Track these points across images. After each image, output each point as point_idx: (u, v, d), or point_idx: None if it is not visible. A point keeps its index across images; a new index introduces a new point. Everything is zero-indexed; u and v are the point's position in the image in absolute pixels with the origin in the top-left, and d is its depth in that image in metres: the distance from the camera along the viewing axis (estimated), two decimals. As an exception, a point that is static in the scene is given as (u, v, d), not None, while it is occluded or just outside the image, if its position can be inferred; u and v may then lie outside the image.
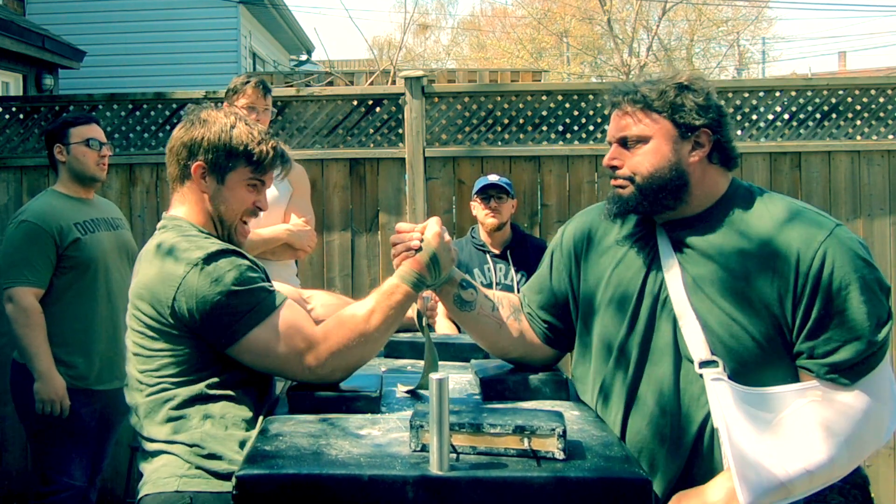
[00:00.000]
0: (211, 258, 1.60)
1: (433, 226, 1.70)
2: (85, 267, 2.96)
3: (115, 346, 3.00)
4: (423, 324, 1.76)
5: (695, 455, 1.57)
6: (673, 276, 1.59)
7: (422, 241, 1.68)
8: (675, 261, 1.60)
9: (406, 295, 1.65)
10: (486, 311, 1.76)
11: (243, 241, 1.80)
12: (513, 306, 1.82)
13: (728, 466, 1.50)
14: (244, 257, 1.67)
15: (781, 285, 1.51)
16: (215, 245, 1.65)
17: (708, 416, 1.55)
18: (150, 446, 1.65)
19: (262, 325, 1.59)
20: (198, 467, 1.58)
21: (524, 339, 1.79)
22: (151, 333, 1.63)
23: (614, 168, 1.65)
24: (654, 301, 1.61)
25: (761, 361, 1.52)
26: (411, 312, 1.76)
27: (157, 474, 1.61)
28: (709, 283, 1.56)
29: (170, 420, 1.62)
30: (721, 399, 1.50)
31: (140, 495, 1.64)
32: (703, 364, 1.53)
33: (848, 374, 1.48)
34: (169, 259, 1.63)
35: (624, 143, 1.63)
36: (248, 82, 3.13)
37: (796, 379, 1.53)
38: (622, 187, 1.63)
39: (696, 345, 1.54)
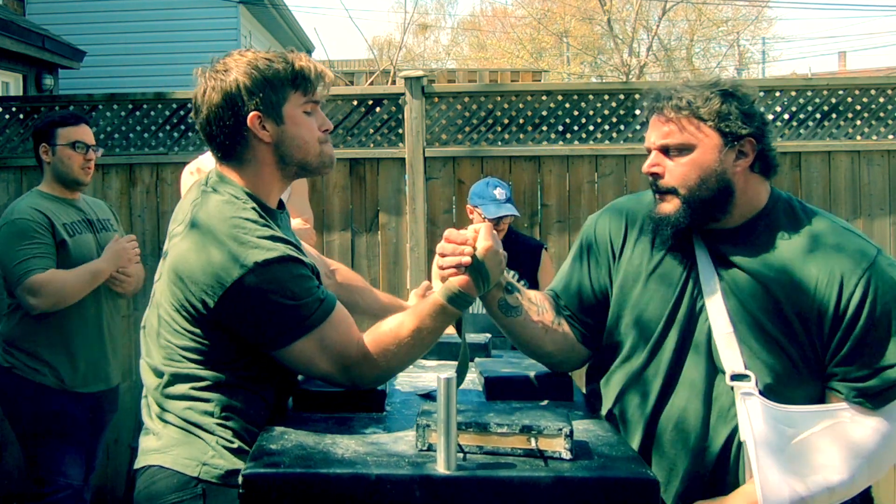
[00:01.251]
0: (268, 265, 1.47)
1: (486, 237, 1.56)
2: (71, 268, 2.87)
3: (101, 350, 2.98)
4: (463, 328, 1.68)
5: (719, 466, 1.57)
6: (711, 287, 1.57)
7: (473, 255, 1.54)
8: (713, 272, 1.58)
9: (448, 315, 1.57)
10: (532, 316, 1.70)
11: (334, 157, 1.66)
12: (553, 308, 1.76)
13: (750, 479, 1.52)
14: (301, 262, 1.53)
15: (822, 306, 1.51)
16: (274, 248, 1.49)
17: (735, 430, 1.55)
18: (166, 415, 1.58)
19: (308, 337, 1.51)
20: (222, 457, 1.53)
21: (567, 342, 1.74)
22: (187, 315, 1.53)
23: (655, 176, 1.60)
24: (690, 310, 1.60)
25: (793, 379, 1.53)
26: None
27: (180, 450, 1.54)
28: (748, 297, 1.55)
29: (193, 400, 1.55)
30: (751, 413, 1.51)
31: (149, 462, 1.57)
32: (735, 377, 1.53)
33: (876, 399, 1.50)
34: (222, 249, 1.48)
35: (665, 150, 1.59)
36: None
37: (821, 398, 1.55)
38: (665, 201, 1.59)
39: (731, 357, 1.53)
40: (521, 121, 4.03)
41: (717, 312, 1.55)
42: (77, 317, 2.92)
